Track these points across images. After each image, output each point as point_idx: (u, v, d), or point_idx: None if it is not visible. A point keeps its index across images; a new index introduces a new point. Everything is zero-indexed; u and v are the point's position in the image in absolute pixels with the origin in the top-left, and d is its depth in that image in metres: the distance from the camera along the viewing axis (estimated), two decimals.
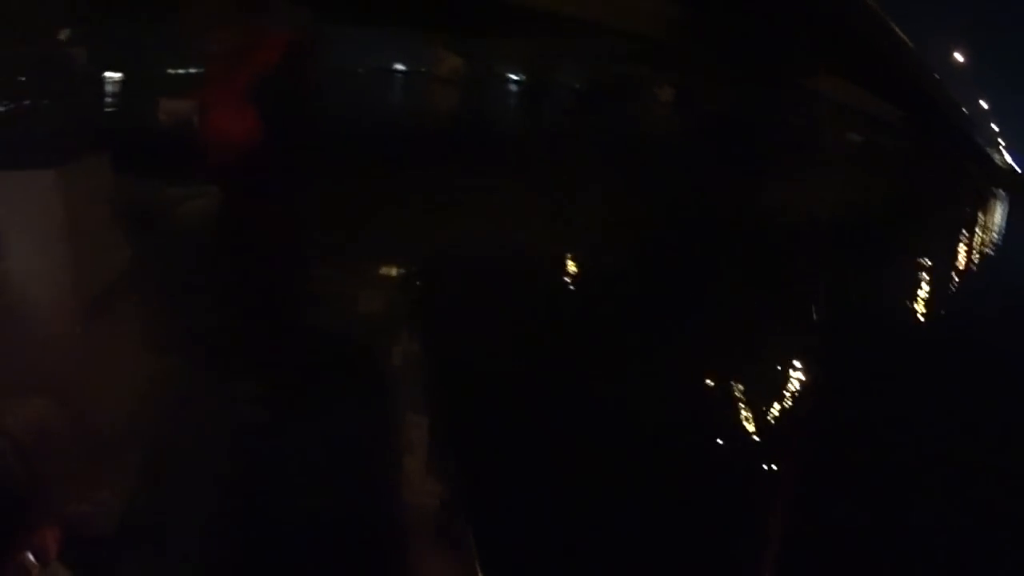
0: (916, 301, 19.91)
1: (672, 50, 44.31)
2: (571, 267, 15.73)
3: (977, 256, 31.88)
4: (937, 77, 70.56)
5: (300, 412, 5.85)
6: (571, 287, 14.23)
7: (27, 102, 4.61)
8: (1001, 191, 79.74)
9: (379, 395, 6.02)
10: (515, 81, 60.14)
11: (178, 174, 6.91)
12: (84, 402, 4.21)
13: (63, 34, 5.00)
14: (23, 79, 4.66)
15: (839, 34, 42.44)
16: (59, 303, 4.17)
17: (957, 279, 25.15)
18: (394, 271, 7.57)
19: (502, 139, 32.56)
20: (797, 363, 12.77)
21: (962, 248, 31.82)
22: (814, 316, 15.31)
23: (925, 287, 21.99)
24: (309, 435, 5.77)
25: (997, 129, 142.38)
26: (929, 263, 25.57)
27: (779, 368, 12.42)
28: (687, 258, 17.18)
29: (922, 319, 18.89)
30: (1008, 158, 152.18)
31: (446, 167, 23.23)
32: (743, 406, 10.89)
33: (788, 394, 11.59)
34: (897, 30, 54.61)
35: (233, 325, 6.05)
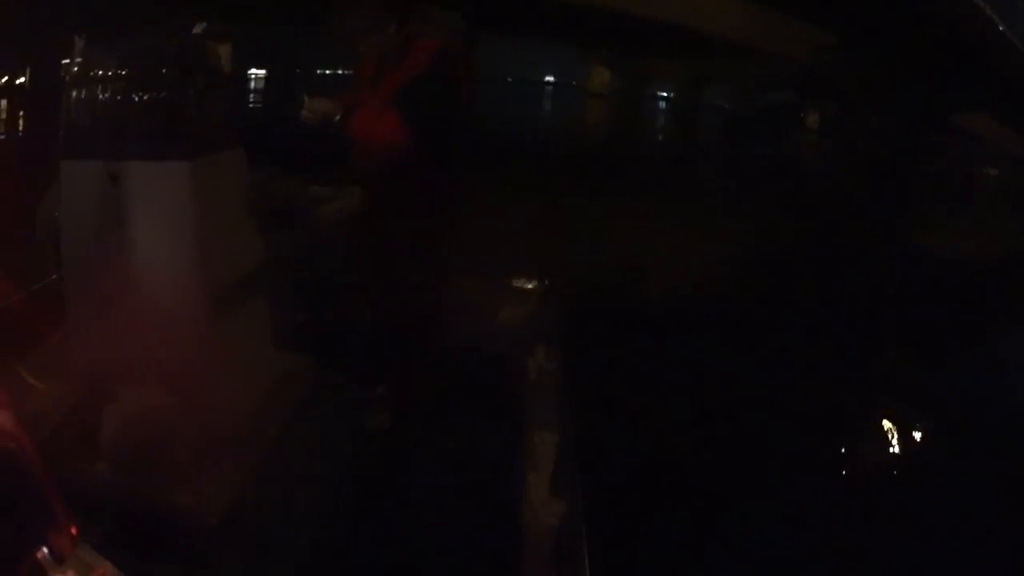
0: None
1: (824, 79, 43.63)
2: (711, 292, 15.41)
3: None
4: None
5: (424, 421, 5.79)
6: (710, 312, 13.88)
7: (165, 94, 4.58)
8: None
9: (508, 409, 5.91)
10: (665, 99, 59.62)
11: (322, 175, 6.90)
12: (200, 394, 4.16)
13: (205, 28, 4.99)
14: (164, 71, 4.63)
15: (984, 70, 41.33)
16: (186, 294, 4.12)
17: None
18: (534, 286, 7.44)
19: (649, 157, 32.36)
20: (923, 408, 12.29)
21: None
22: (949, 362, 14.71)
23: None
24: (431, 445, 5.71)
25: None
26: None
27: (902, 412, 11.95)
28: (825, 288, 16.70)
29: None
30: None
31: (592, 182, 23.10)
32: (875, 444, 10.53)
33: (908, 438, 11.13)
34: None
35: (366, 329, 6.01)
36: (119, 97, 4.49)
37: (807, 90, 45.69)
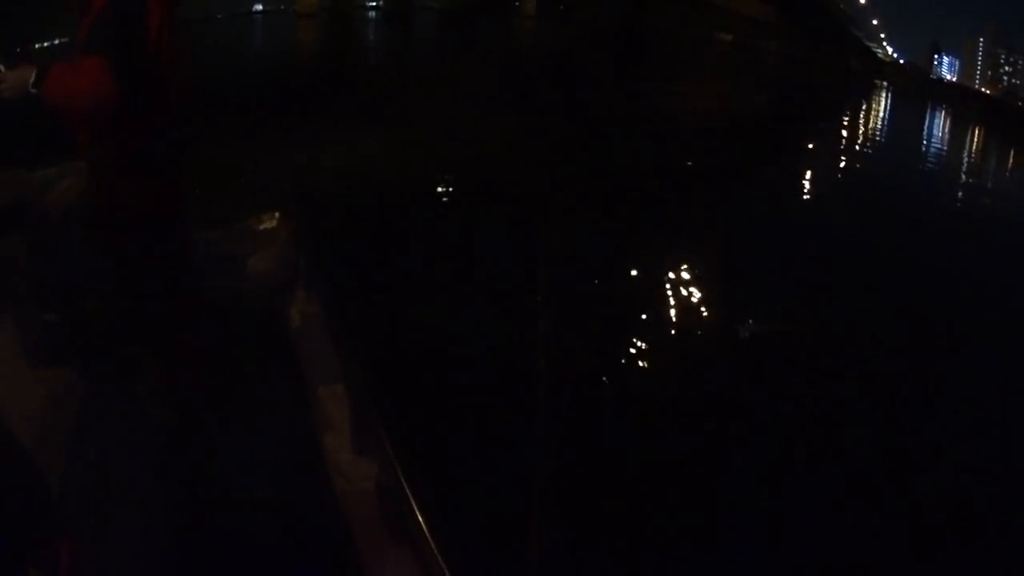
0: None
1: None
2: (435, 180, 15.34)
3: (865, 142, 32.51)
4: None
5: (207, 398, 5.46)
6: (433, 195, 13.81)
7: None
8: (884, 82, 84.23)
9: (286, 368, 5.61)
10: (374, 8, 59.33)
11: (42, 159, 6.38)
12: None
13: None
14: None
15: None
16: None
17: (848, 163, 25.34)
18: (277, 224, 7.07)
19: (367, 67, 32.05)
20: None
21: (851, 136, 32.25)
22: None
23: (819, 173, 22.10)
24: (219, 425, 5.31)
25: (876, 23, 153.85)
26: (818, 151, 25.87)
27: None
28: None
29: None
30: (890, 50, 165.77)
31: (315, 105, 22.67)
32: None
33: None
34: None
35: (123, 314, 5.59)
36: None
37: None
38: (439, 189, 15.62)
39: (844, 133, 38.99)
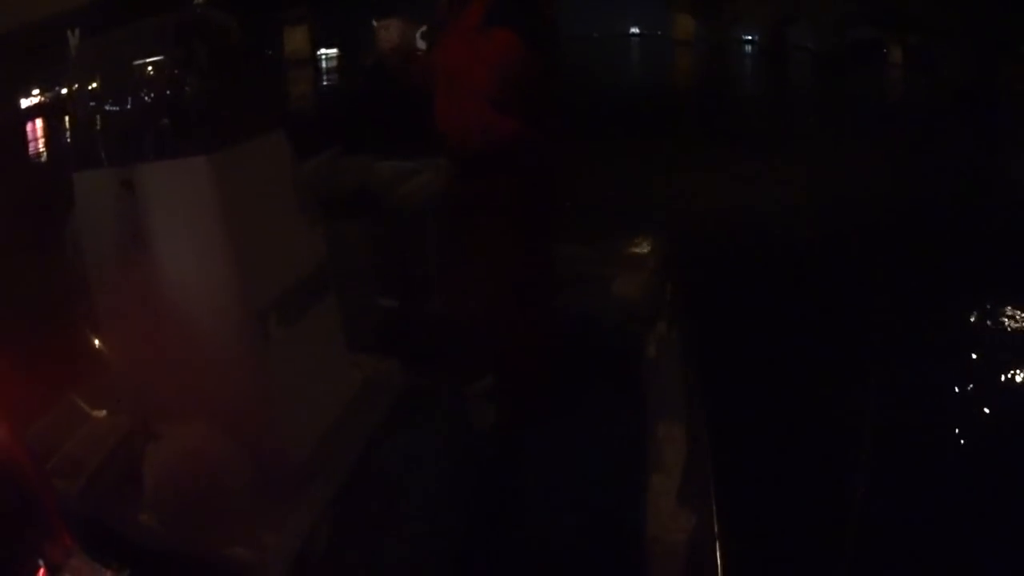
0: None
1: (907, 13, 42.48)
2: (825, 239, 14.56)
3: None
4: None
5: (535, 415, 5.18)
6: (827, 261, 13.02)
7: (167, 79, 4.00)
8: None
9: (630, 397, 5.23)
10: (750, 42, 58.61)
11: (397, 150, 6.30)
12: (256, 426, 3.69)
13: None
14: (162, 53, 4.06)
15: None
16: (229, 309, 3.53)
17: None
18: (648, 249, 6.74)
19: (741, 103, 31.59)
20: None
21: None
22: None
23: None
24: (544, 444, 5.07)
25: None
26: None
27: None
28: (926, 227, 15.81)
29: None
30: None
31: (689, 135, 22.39)
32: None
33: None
34: None
35: (462, 315, 5.36)
36: (120, 90, 3.94)
37: (892, 26, 44.68)
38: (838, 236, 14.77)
39: None
